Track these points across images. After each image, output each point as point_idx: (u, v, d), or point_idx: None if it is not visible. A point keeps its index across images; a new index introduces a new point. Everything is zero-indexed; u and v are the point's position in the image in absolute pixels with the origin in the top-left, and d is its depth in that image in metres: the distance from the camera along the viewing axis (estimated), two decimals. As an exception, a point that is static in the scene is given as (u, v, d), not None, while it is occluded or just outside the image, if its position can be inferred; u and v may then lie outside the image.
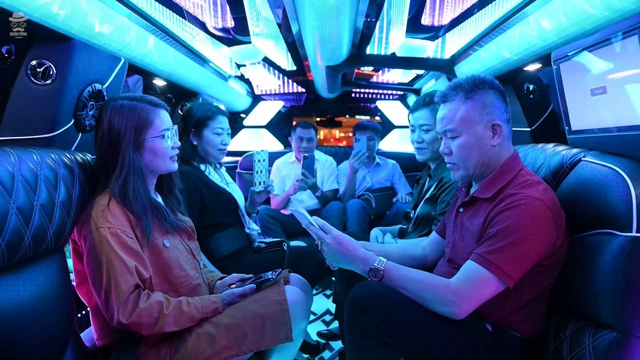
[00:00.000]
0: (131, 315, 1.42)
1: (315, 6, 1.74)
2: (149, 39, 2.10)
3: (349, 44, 2.49)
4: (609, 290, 1.31)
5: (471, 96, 1.54)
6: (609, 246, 1.34)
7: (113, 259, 1.43)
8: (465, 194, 1.69)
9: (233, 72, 3.80)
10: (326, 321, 3.03)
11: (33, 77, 1.57)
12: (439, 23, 2.41)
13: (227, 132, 2.48)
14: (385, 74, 4.11)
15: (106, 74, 1.86)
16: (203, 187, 2.31)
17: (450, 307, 1.37)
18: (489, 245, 1.39)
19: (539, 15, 1.77)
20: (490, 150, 1.55)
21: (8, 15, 1.35)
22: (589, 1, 1.47)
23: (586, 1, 1.48)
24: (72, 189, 1.50)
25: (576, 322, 1.44)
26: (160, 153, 1.63)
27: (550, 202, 1.41)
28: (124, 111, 1.58)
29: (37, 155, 1.40)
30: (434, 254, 1.91)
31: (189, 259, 1.73)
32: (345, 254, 1.52)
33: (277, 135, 5.03)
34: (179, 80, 2.79)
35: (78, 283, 1.63)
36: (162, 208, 1.68)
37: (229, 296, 1.65)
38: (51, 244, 1.41)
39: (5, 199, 1.23)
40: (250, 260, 2.39)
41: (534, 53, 1.96)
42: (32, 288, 1.35)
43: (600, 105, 1.61)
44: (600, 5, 1.44)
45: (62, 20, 1.48)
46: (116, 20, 1.78)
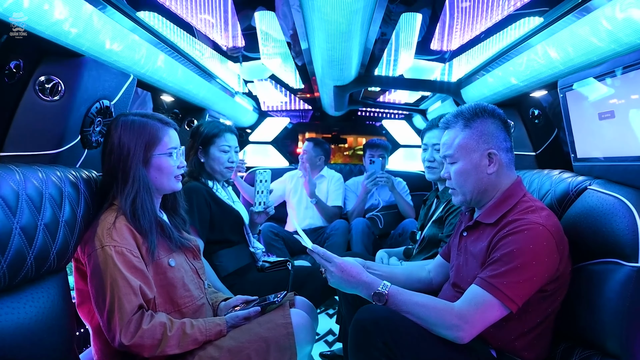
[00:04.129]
0: (133, 337, 1.39)
1: (326, 30, 1.74)
2: (159, 57, 2.11)
3: (357, 64, 2.49)
4: (615, 320, 1.31)
5: (470, 124, 1.58)
6: (615, 275, 1.35)
7: (118, 278, 1.41)
8: (469, 219, 1.70)
9: (240, 88, 3.81)
10: (329, 342, 2.99)
11: (41, 93, 1.57)
12: (448, 48, 2.42)
13: (235, 149, 2.48)
14: (392, 94, 4.12)
15: (115, 90, 1.86)
16: (212, 202, 2.31)
17: (455, 331, 1.36)
18: (493, 270, 1.40)
19: (547, 45, 1.78)
20: (487, 178, 1.57)
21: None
22: (596, 35, 1.49)
23: (594, 35, 1.50)
24: (77, 208, 1.49)
25: (582, 351, 1.44)
26: (165, 170, 1.63)
27: (553, 228, 1.41)
28: (135, 127, 1.58)
29: (43, 173, 1.39)
30: (439, 277, 1.91)
31: (194, 278, 1.71)
32: (350, 280, 1.52)
33: (283, 151, 5.04)
34: (186, 97, 2.80)
35: (79, 302, 1.60)
36: (167, 226, 1.67)
37: (233, 319, 1.63)
38: (54, 264, 1.39)
39: (9, 218, 1.21)
40: (254, 279, 2.38)
41: (541, 80, 1.96)
42: (33, 310, 1.33)
43: (606, 133, 1.62)
44: (607, 38, 1.46)
45: (73, 38, 1.49)
46: (127, 37, 1.78)
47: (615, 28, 1.40)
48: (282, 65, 3.03)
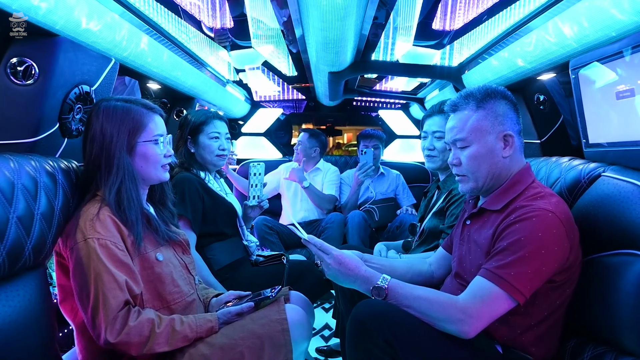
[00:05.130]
0: (120, 334, 1.33)
1: (322, 7, 1.67)
2: (142, 39, 2.02)
3: (353, 49, 2.43)
4: (632, 315, 1.26)
5: (483, 105, 1.51)
6: (632, 268, 1.28)
7: (102, 272, 1.34)
8: (473, 206, 1.65)
9: (231, 77, 3.76)
10: (325, 336, 2.95)
11: (13, 77, 1.48)
12: (451, 28, 2.35)
13: (226, 136, 2.42)
14: (389, 82, 4.09)
15: (95, 75, 1.77)
16: (204, 193, 2.26)
17: (459, 326, 1.31)
18: (499, 260, 1.34)
19: (559, 20, 1.70)
20: (501, 162, 1.51)
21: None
22: (617, 5, 1.39)
23: (615, 5, 1.40)
24: (55, 200, 1.40)
25: (596, 347, 1.38)
26: (152, 159, 1.56)
27: (563, 215, 1.36)
28: (118, 113, 1.51)
29: (15, 162, 1.30)
30: (441, 270, 1.86)
31: (183, 274, 1.65)
32: (347, 273, 1.47)
33: (276, 143, 5.00)
34: (174, 84, 2.72)
35: (62, 299, 1.52)
36: (154, 219, 1.60)
37: (225, 315, 1.59)
38: (30, 259, 1.31)
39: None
40: (248, 273, 2.33)
41: (551, 61, 1.89)
42: (7, 310, 1.25)
43: (622, 116, 1.55)
44: (630, 9, 1.36)
45: (44, 14, 1.39)
46: (106, 16, 1.69)
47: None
48: (274, 51, 2.96)
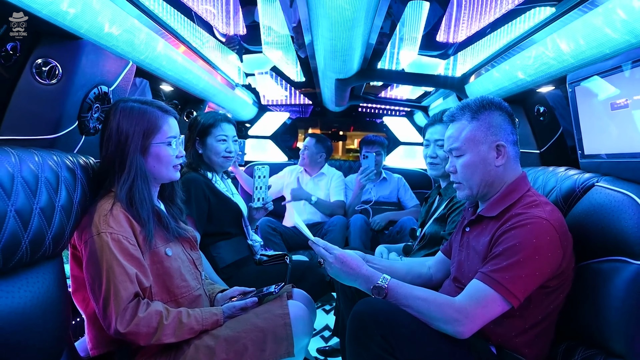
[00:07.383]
0: (129, 325, 1.38)
1: (330, 18, 1.72)
2: (159, 43, 2.08)
3: (360, 57, 2.47)
4: (621, 319, 1.30)
5: (477, 116, 1.57)
6: (621, 274, 1.34)
7: (114, 265, 1.40)
8: (472, 214, 1.69)
9: (241, 80, 3.79)
10: (325, 337, 2.98)
11: (38, 76, 1.52)
12: (454, 40, 2.40)
13: (233, 139, 2.46)
14: (394, 90, 4.10)
15: (113, 76, 1.82)
16: (210, 194, 2.30)
17: (455, 326, 1.35)
18: (495, 264, 1.39)
19: (557, 37, 1.75)
20: (494, 171, 1.55)
21: (15, 12, 1.32)
22: (610, 25, 1.45)
23: (608, 25, 1.46)
24: (74, 193, 1.46)
25: (585, 350, 1.43)
26: (164, 160, 1.61)
27: (556, 223, 1.40)
28: (134, 114, 1.56)
29: (39, 156, 1.35)
30: (439, 273, 1.90)
31: (190, 269, 1.70)
32: (349, 272, 1.51)
33: (282, 146, 5.02)
34: (186, 87, 2.77)
35: (75, 289, 1.58)
36: (165, 216, 1.65)
37: (230, 309, 1.63)
38: (49, 249, 1.36)
39: (3, 200, 1.18)
40: (252, 272, 2.37)
41: (549, 75, 1.94)
42: (27, 294, 1.30)
43: (616, 128, 1.60)
44: (622, 29, 1.42)
45: (71, 19, 1.45)
46: (126, 21, 1.75)
47: (631, 17, 1.36)
48: (283, 57, 3.01)
